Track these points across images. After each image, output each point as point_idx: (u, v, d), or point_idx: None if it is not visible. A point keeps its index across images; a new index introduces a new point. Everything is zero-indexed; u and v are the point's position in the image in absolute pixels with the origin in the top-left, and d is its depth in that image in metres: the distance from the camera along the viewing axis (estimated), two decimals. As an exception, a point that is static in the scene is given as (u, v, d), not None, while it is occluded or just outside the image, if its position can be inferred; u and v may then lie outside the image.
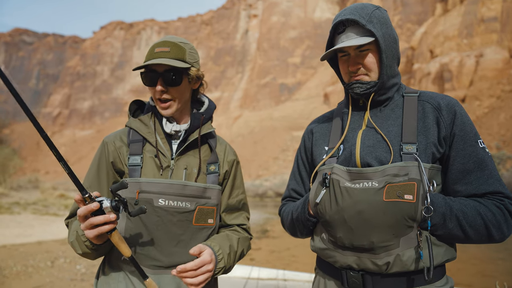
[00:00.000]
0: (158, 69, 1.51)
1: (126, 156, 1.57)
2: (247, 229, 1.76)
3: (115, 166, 1.57)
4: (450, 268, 7.06)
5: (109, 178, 1.58)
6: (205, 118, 1.68)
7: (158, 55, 1.49)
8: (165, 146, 1.59)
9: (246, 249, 1.68)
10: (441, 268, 1.37)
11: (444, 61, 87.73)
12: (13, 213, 19.43)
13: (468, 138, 1.36)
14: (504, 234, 1.30)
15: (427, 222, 1.26)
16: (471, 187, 1.34)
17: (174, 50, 1.51)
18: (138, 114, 1.71)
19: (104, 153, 1.58)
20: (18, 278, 7.21)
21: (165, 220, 1.48)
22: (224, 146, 1.74)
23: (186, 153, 1.60)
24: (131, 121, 1.63)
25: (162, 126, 1.61)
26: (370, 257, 1.33)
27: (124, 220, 1.50)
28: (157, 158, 1.55)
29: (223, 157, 1.70)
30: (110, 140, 1.61)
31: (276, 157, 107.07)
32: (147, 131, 1.59)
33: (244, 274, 6.41)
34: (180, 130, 1.61)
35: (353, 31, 1.41)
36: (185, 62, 1.53)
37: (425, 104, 1.42)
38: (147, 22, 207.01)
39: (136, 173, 1.52)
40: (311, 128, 1.72)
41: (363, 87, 1.43)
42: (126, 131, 1.64)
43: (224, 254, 1.47)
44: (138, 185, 1.48)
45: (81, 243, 1.37)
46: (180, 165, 1.57)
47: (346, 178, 1.39)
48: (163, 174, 1.54)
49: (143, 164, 1.54)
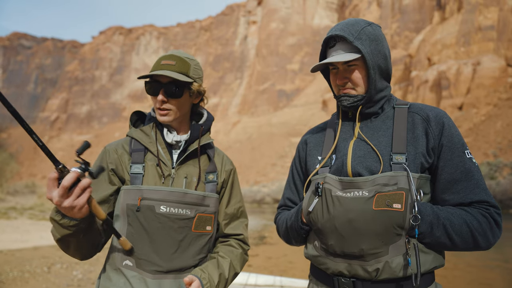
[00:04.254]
0: (162, 80, 1.58)
1: (128, 164, 1.61)
2: (244, 239, 1.79)
3: (117, 173, 1.60)
4: (446, 275, 7.07)
5: (107, 183, 1.60)
6: (204, 129, 1.74)
7: (164, 67, 1.56)
8: (166, 155, 1.64)
9: (240, 266, 1.71)
10: (430, 275, 1.40)
11: (441, 69, 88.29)
12: (9, 218, 19.38)
13: (456, 148, 1.39)
14: (490, 242, 1.34)
15: (415, 230, 1.30)
16: (458, 196, 1.38)
17: (179, 64, 1.58)
18: (138, 125, 1.77)
19: (105, 160, 1.62)
20: (14, 284, 7.19)
21: (166, 226, 1.52)
22: (222, 156, 1.81)
23: (186, 163, 1.65)
24: (133, 131, 1.68)
25: (163, 136, 1.67)
26: (361, 264, 1.36)
27: (126, 226, 1.53)
28: (158, 167, 1.60)
29: (221, 167, 1.77)
30: (112, 148, 1.65)
31: (274, 163, 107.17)
32: (148, 141, 1.64)
33: (241, 281, 6.43)
34: (181, 140, 1.66)
35: (341, 47, 1.47)
36: (188, 76, 1.60)
37: (415, 116, 1.46)
38: (146, 28, 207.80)
39: (137, 180, 1.57)
40: (305, 138, 1.78)
41: (351, 100, 1.48)
42: (128, 140, 1.69)
43: (212, 286, 1.51)
44: (140, 192, 1.53)
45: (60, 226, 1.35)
46: (180, 174, 1.62)
47: (338, 187, 1.43)
48: (165, 182, 1.58)
49: (145, 172, 1.59)
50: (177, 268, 1.53)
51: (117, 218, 1.57)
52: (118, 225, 1.56)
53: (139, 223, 1.52)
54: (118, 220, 1.56)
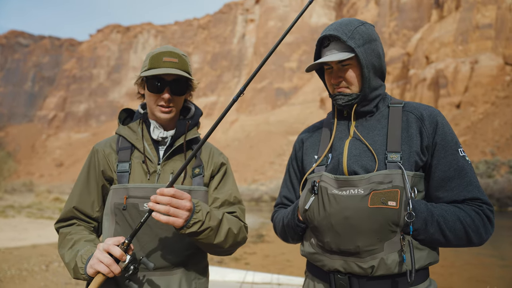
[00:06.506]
0: (166, 78, 1.57)
1: (115, 163, 1.62)
2: (238, 216, 1.71)
3: (105, 174, 1.62)
4: (443, 273, 7.13)
5: (98, 185, 1.62)
6: (191, 124, 1.72)
7: (168, 65, 1.55)
8: (152, 152, 1.64)
9: (237, 229, 1.61)
10: (424, 271, 1.43)
11: (439, 67, 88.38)
12: (7, 216, 19.32)
13: (449, 147, 1.42)
14: (483, 238, 1.37)
15: (410, 227, 1.32)
16: (452, 193, 1.40)
17: (181, 62, 1.59)
18: (128, 122, 1.77)
19: (93, 161, 1.64)
20: (12, 282, 7.19)
21: (150, 223, 1.51)
22: (209, 150, 1.78)
23: (172, 158, 1.65)
24: (121, 128, 1.69)
25: (149, 132, 1.67)
26: (356, 260, 1.38)
27: (114, 225, 1.54)
28: (144, 163, 1.60)
29: (208, 159, 1.73)
30: (100, 147, 1.66)
31: (272, 162, 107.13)
32: (135, 138, 1.65)
33: (238, 279, 6.45)
34: (167, 136, 1.66)
35: (335, 46, 1.50)
36: (189, 74, 1.63)
37: (409, 115, 1.49)
38: (144, 26, 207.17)
39: (124, 179, 1.57)
40: (302, 137, 1.81)
41: (345, 98, 1.51)
42: (115, 138, 1.70)
43: (202, 209, 1.44)
44: (126, 191, 1.53)
45: (78, 270, 1.40)
46: (167, 170, 1.61)
47: (334, 185, 1.45)
48: (150, 179, 1.58)
49: (131, 170, 1.59)
50: (163, 265, 1.51)
51: (106, 218, 1.57)
52: (106, 224, 1.56)
53: (125, 222, 1.52)
54: (106, 220, 1.57)
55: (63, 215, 1.62)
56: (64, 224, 1.62)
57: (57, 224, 1.63)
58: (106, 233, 1.56)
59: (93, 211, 1.61)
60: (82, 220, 1.61)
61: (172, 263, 1.53)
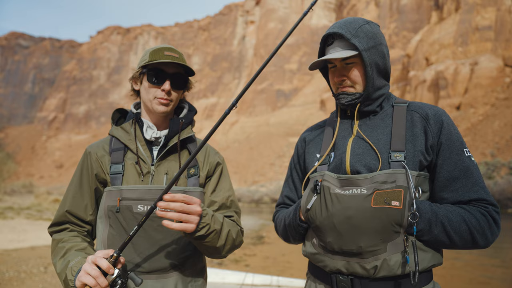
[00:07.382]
0: (167, 70, 1.57)
1: (108, 165, 1.58)
2: (235, 220, 1.69)
3: (98, 177, 1.59)
4: (444, 275, 7.05)
5: (91, 188, 1.59)
6: (185, 123, 1.68)
7: (170, 59, 1.54)
8: (146, 152, 1.60)
9: (235, 233, 1.61)
10: (428, 273, 1.39)
11: (439, 69, 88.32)
12: (6, 218, 19.28)
13: (454, 147, 1.39)
14: (488, 240, 1.33)
15: (413, 227, 1.29)
16: (457, 194, 1.37)
17: (182, 58, 1.60)
18: (121, 123, 1.73)
19: (86, 164, 1.61)
20: (10, 284, 7.15)
21: (144, 225, 1.47)
22: (205, 149, 1.75)
23: (166, 158, 1.61)
24: (113, 129, 1.65)
25: (142, 133, 1.63)
26: (359, 261, 1.35)
27: (107, 228, 1.51)
28: (137, 164, 1.56)
29: (204, 159, 1.70)
30: (93, 150, 1.63)
31: (272, 163, 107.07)
32: (128, 138, 1.61)
33: (238, 280, 6.41)
34: (160, 136, 1.63)
35: (339, 44, 1.48)
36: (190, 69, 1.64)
37: (414, 114, 1.47)
38: (144, 27, 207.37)
39: (117, 181, 1.54)
40: (304, 136, 1.77)
41: (348, 98, 1.49)
42: (108, 139, 1.67)
43: (208, 213, 1.43)
44: (119, 193, 1.50)
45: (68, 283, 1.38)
46: (161, 171, 1.58)
47: (337, 185, 1.43)
48: (144, 180, 1.55)
49: (124, 171, 1.55)
50: (159, 268, 1.49)
51: (100, 221, 1.55)
52: (100, 227, 1.54)
53: (119, 224, 1.49)
54: (100, 223, 1.55)
55: (56, 219, 1.60)
56: (57, 228, 1.59)
57: (50, 228, 1.61)
58: (100, 236, 1.54)
59: (86, 215, 1.58)
60: (75, 224, 1.58)
61: (167, 266, 1.50)
